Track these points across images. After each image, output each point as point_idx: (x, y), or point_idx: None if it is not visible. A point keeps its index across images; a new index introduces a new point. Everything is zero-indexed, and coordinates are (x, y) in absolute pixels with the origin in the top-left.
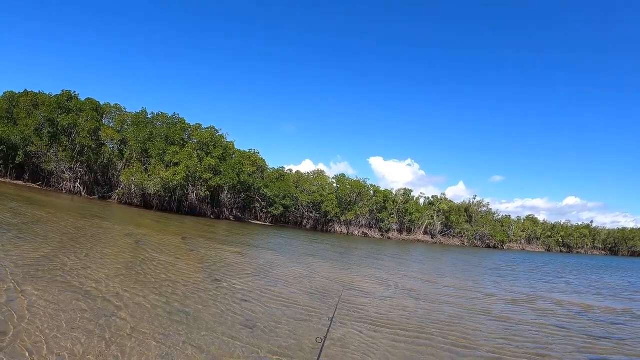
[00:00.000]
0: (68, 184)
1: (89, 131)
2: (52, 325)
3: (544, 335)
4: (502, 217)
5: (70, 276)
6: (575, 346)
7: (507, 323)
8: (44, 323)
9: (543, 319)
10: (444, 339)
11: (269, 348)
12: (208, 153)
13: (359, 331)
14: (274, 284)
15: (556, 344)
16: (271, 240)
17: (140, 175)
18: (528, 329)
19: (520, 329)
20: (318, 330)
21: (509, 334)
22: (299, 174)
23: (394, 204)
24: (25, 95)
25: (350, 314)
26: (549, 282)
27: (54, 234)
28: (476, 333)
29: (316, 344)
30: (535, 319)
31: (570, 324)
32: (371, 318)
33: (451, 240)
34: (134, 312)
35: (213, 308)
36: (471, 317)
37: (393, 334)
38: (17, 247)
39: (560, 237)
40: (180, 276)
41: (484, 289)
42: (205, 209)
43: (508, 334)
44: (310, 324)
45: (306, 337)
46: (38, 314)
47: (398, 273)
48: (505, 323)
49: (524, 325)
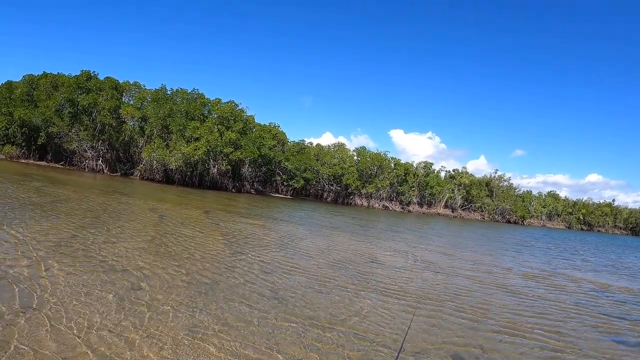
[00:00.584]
0: (91, 163)
1: (109, 110)
2: (72, 297)
3: (558, 311)
4: (524, 193)
5: (93, 251)
6: (590, 324)
7: (522, 297)
8: (66, 295)
9: (559, 296)
10: (460, 312)
11: (289, 319)
12: (229, 127)
13: (377, 301)
14: (296, 256)
15: (570, 320)
16: (292, 213)
17: (162, 151)
18: (542, 304)
19: (536, 304)
20: (338, 302)
21: (523, 308)
22: (319, 147)
23: (414, 178)
24: (44, 77)
25: (370, 285)
26: (567, 259)
27: (78, 211)
28: (491, 307)
29: (334, 317)
30: (551, 295)
31: (586, 302)
32: (389, 289)
33: (472, 215)
34: (155, 284)
35: (235, 280)
36: (487, 291)
37: (409, 305)
38: (41, 225)
39: (581, 215)
40: (203, 249)
41: (502, 264)
42: (226, 183)
43: (522, 308)
44: (331, 296)
45: (328, 309)
46: (60, 286)
47: (418, 246)
48: (521, 297)
49: (539, 301)
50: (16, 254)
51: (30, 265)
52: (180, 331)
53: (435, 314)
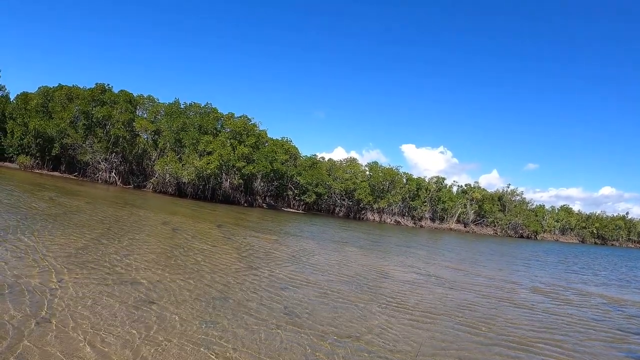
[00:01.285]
0: (104, 175)
1: (123, 123)
2: (82, 306)
3: (572, 326)
4: (536, 207)
5: (105, 263)
6: (603, 340)
7: (532, 312)
8: (76, 305)
9: (572, 310)
10: (471, 327)
11: (299, 333)
12: (241, 142)
13: (389, 317)
14: (308, 271)
15: (579, 334)
16: (305, 228)
17: (175, 164)
18: (553, 319)
19: (546, 318)
20: (350, 318)
21: (532, 322)
22: (331, 162)
23: (427, 192)
24: (59, 89)
25: (381, 301)
26: (579, 274)
27: (91, 222)
28: (502, 322)
29: (345, 332)
30: (563, 310)
31: (600, 317)
32: (401, 305)
33: (484, 230)
34: (165, 296)
35: (246, 294)
36: (499, 307)
37: (421, 321)
38: (54, 236)
39: (594, 229)
40: (215, 263)
41: (513, 279)
42: (238, 197)
43: (531, 323)
44: (342, 312)
45: (339, 324)
46: (71, 296)
47: (430, 262)
48: (530, 312)
49: (550, 315)
50: (29, 263)
51: (42, 274)
52: (188, 343)
53: (446, 330)
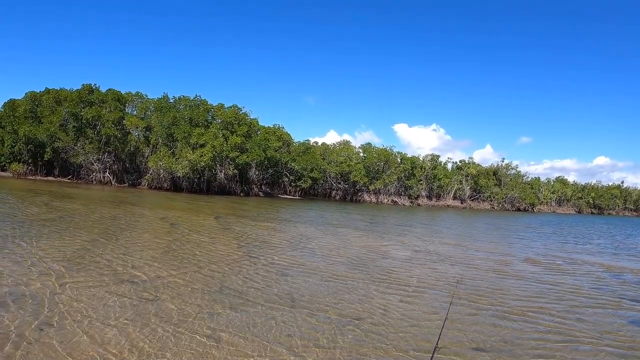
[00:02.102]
0: (98, 175)
1: (113, 121)
2: (85, 309)
3: (564, 294)
4: (532, 180)
5: (105, 263)
6: (604, 307)
7: (534, 283)
8: (78, 308)
9: (566, 278)
10: (472, 302)
11: (305, 319)
12: (233, 132)
13: (393, 297)
14: (308, 256)
15: (576, 301)
16: (302, 213)
17: (168, 159)
18: (547, 288)
19: (540, 288)
20: (353, 301)
21: (528, 292)
22: (325, 146)
23: (422, 171)
24: (47, 93)
25: (384, 281)
26: (574, 243)
27: (88, 224)
28: (510, 295)
29: (350, 315)
30: (555, 279)
31: (594, 284)
32: (400, 283)
33: (481, 205)
34: (168, 292)
35: (249, 283)
36: (503, 280)
37: (418, 297)
38: (52, 240)
39: (590, 199)
40: (215, 255)
41: (514, 252)
42: (234, 187)
43: (527, 293)
44: (346, 295)
45: (343, 308)
46: (72, 299)
47: (430, 239)
48: (533, 283)
49: (544, 284)
50: (28, 268)
51: (42, 278)
52: (190, 335)
53: (442, 305)
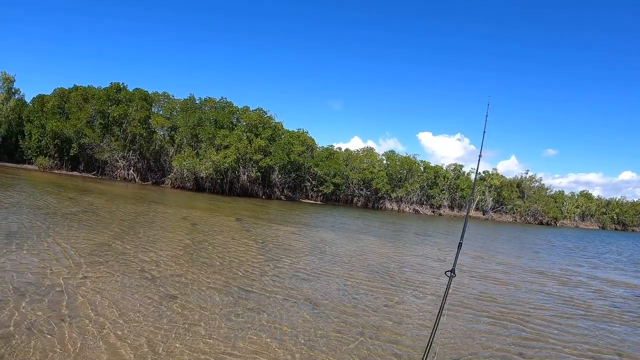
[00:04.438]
0: (122, 172)
1: (139, 120)
2: (108, 304)
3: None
4: (556, 193)
5: (128, 259)
6: (625, 322)
7: (556, 300)
8: (101, 302)
9: (597, 300)
10: (491, 316)
11: (325, 325)
12: (257, 135)
13: (412, 306)
14: (329, 262)
15: (605, 321)
16: (324, 219)
17: (192, 159)
18: (579, 307)
19: (570, 308)
20: (374, 308)
21: (558, 311)
22: (348, 152)
23: (444, 180)
24: (75, 90)
25: (404, 290)
26: (604, 260)
27: (112, 220)
28: (529, 311)
29: (370, 322)
30: (586, 299)
31: (619, 303)
32: (422, 294)
33: (503, 217)
34: (189, 292)
35: (269, 286)
36: (522, 295)
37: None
38: (76, 234)
39: (615, 215)
40: (236, 256)
41: (536, 267)
42: (256, 189)
43: (557, 311)
44: (366, 302)
45: (363, 315)
46: (95, 293)
47: (450, 251)
48: (555, 300)
49: (575, 304)
50: (52, 261)
51: (65, 272)
52: (212, 337)
53: (468, 317)
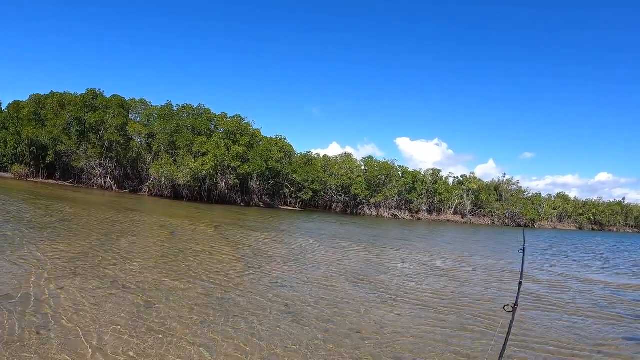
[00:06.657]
0: (99, 180)
1: (116, 127)
2: (83, 314)
3: (579, 318)
4: (533, 196)
5: (104, 269)
6: (604, 324)
7: (534, 301)
8: (77, 312)
9: (579, 300)
10: (472, 318)
11: (303, 332)
12: (235, 142)
13: (390, 312)
14: (308, 268)
15: (583, 320)
16: (302, 225)
17: (170, 167)
18: (555, 307)
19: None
20: (352, 314)
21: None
22: (326, 158)
23: (423, 185)
24: (51, 96)
25: (383, 295)
26: (580, 261)
27: (89, 229)
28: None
29: (347, 329)
30: (568, 299)
31: (594, 300)
32: (401, 299)
33: (482, 220)
34: (166, 300)
35: (247, 294)
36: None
37: (421, 314)
38: (53, 245)
39: (592, 215)
40: (215, 264)
41: (513, 268)
42: (235, 197)
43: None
44: (344, 308)
45: (341, 321)
46: (71, 303)
47: (429, 255)
48: (532, 302)
49: (555, 304)
50: (27, 272)
51: (41, 282)
52: (187, 345)
53: (446, 320)
